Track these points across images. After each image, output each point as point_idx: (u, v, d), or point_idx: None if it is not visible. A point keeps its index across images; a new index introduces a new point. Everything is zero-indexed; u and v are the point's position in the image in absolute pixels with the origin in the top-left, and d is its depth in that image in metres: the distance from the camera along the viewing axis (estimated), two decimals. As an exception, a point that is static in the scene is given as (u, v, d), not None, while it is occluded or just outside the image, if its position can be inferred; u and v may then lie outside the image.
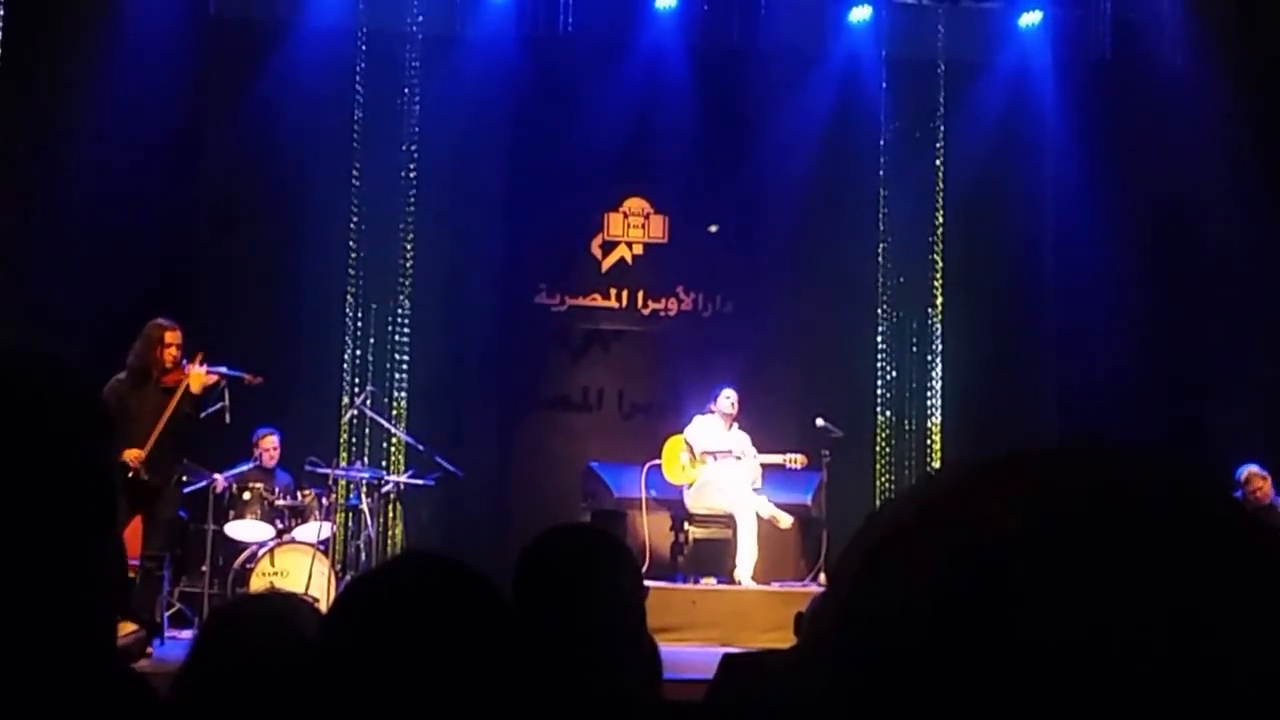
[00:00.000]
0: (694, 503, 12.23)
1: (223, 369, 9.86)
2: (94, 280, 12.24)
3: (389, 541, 12.69)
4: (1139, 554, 0.75)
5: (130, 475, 9.12)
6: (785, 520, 12.04)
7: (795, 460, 12.19)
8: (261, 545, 10.86)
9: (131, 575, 9.22)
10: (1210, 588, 0.74)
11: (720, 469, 12.15)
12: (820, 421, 12.55)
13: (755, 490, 12.12)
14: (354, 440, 13.44)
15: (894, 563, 0.80)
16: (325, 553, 10.92)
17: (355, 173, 13.92)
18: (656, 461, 12.38)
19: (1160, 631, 0.73)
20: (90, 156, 12.43)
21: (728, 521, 12.02)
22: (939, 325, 14.84)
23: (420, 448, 12.18)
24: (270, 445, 11.67)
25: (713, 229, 14.54)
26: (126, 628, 8.52)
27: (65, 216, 12.42)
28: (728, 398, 12.26)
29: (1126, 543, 0.75)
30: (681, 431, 12.35)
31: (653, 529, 12.37)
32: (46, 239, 12.32)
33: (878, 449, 14.58)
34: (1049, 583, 0.74)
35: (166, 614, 9.94)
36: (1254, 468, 11.74)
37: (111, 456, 1.17)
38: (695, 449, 12.21)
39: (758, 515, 11.89)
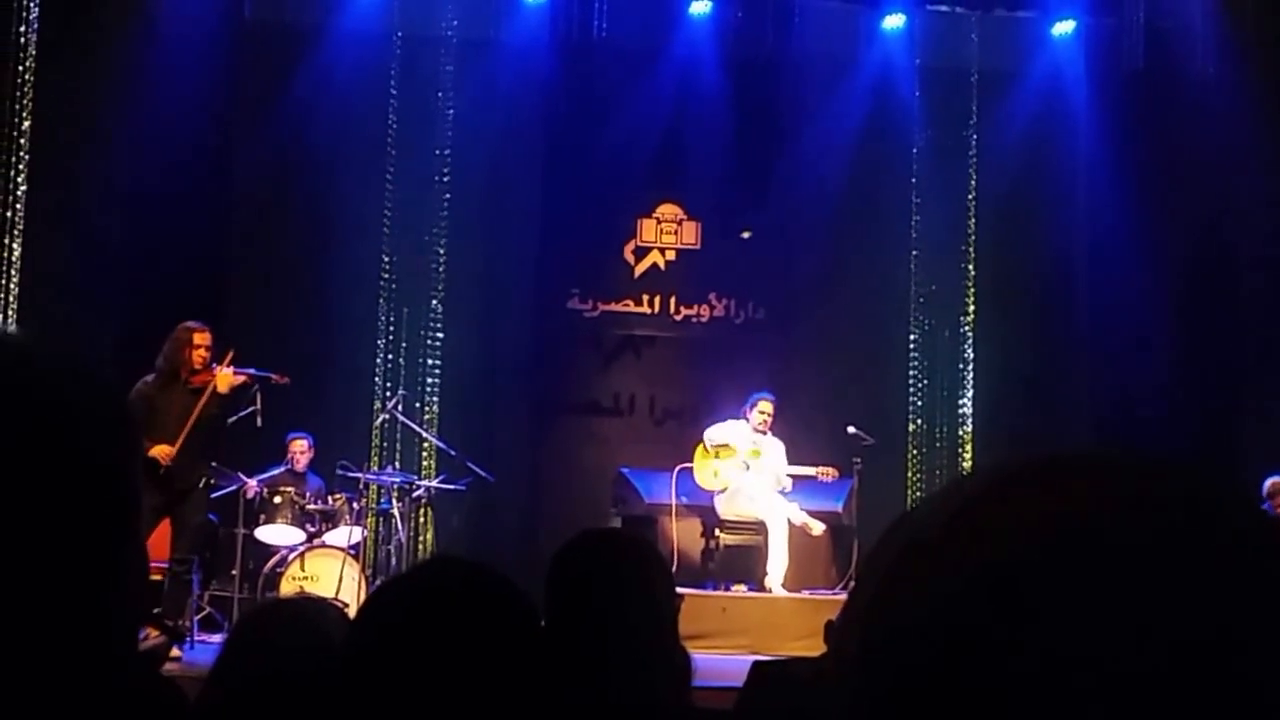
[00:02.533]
0: (725, 509, 12.21)
1: (250, 370, 9.89)
2: (126, 282, 12.29)
3: (420, 546, 12.68)
4: (1161, 572, 0.74)
5: (161, 472, 9.16)
6: (817, 528, 12.02)
7: (827, 473, 12.17)
8: (292, 549, 10.87)
9: (159, 579, 9.25)
10: (1234, 606, 0.73)
11: (751, 476, 12.13)
12: (852, 429, 12.51)
13: (782, 493, 12.10)
14: (385, 445, 13.45)
15: (917, 575, 0.79)
16: (356, 557, 10.91)
17: (389, 177, 13.95)
18: (687, 465, 12.36)
19: (1181, 649, 0.72)
20: (124, 159, 12.45)
21: (759, 528, 12.00)
22: (971, 334, 14.81)
23: (452, 452, 12.19)
24: (302, 449, 11.70)
25: (745, 235, 14.53)
26: (150, 634, 8.53)
27: (98, 219, 12.44)
28: (762, 412, 12.17)
29: (1149, 560, 0.74)
30: (712, 436, 12.36)
31: (683, 535, 12.35)
32: (80, 241, 12.35)
33: (909, 457, 14.55)
34: (1068, 601, 0.74)
35: (196, 618, 9.95)
36: (1280, 478, 11.62)
37: (135, 458, 1.16)
38: (708, 442, 12.20)
39: (789, 522, 11.87)
